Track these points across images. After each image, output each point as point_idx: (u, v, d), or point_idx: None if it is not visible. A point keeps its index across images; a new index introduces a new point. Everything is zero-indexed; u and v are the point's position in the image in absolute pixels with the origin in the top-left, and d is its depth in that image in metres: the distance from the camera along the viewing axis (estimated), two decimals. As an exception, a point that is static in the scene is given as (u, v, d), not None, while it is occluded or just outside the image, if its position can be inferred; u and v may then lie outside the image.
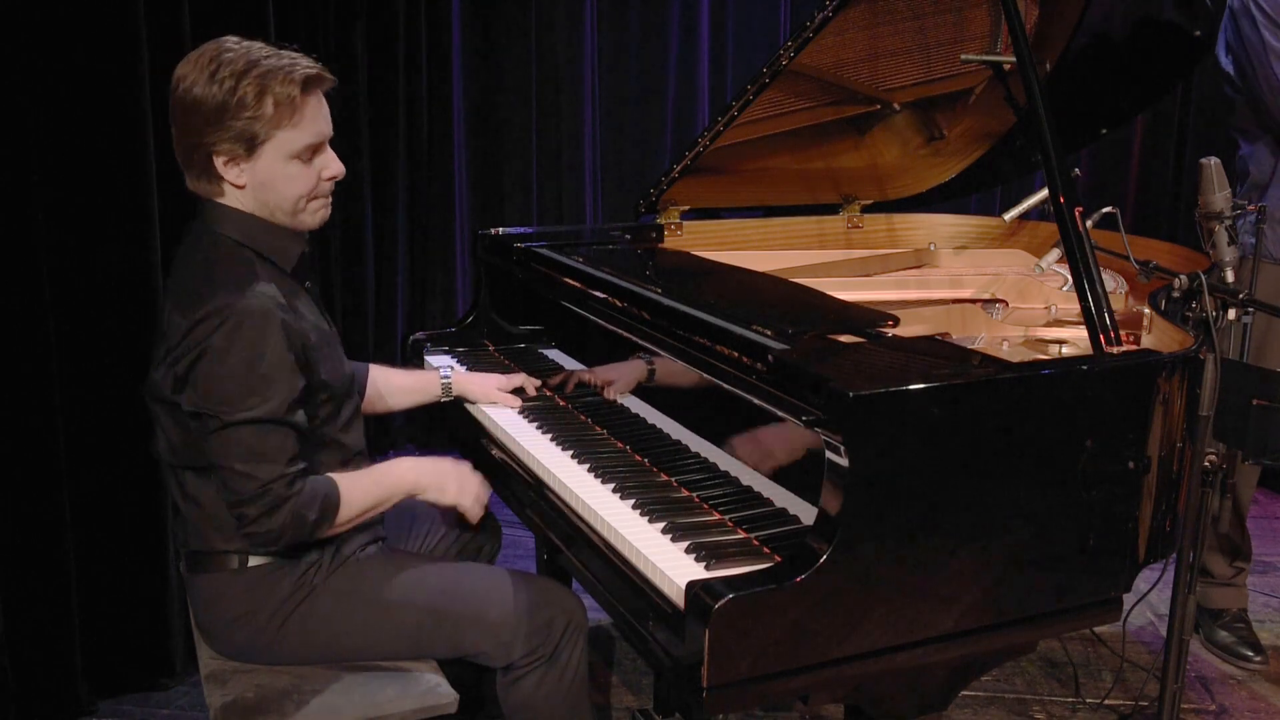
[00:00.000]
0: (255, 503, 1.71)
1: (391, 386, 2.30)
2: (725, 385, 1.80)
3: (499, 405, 2.34)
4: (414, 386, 2.33)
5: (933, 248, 2.99)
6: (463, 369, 2.57)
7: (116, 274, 2.51)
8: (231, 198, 1.80)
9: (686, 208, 2.86)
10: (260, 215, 1.81)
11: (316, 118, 1.78)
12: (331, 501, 1.80)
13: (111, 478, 2.58)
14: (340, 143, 1.89)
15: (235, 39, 1.75)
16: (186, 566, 1.92)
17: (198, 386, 1.70)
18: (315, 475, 1.80)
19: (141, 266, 2.53)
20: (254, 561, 1.85)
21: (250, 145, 1.73)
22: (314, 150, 1.80)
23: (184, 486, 1.85)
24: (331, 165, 1.83)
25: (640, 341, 2.06)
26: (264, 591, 1.85)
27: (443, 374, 2.35)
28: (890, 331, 1.86)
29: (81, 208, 2.45)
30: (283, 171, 1.77)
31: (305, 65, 1.75)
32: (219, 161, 1.75)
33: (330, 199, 1.88)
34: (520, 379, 2.38)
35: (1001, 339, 2.21)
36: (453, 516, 2.28)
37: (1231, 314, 1.88)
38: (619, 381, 2.24)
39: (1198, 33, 2.61)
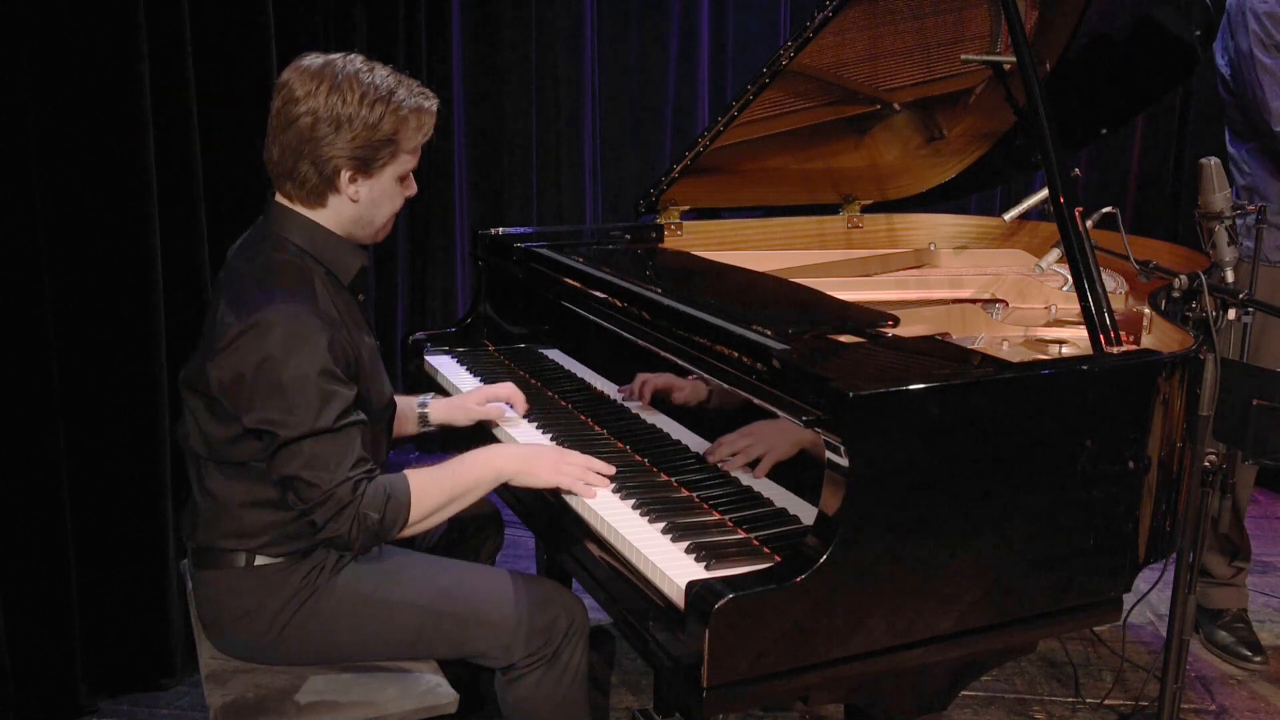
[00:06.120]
0: (320, 508, 1.73)
1: None
2: (725, 385, 1.80)
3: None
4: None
5: (933, 248, 2.99)
6: (463, 369, 2.57)
7: (118, 272, 2.51)
8: (330, 207, 1.84)
9: (686, 208, 2.86)
10: (336, 229, 1.86)
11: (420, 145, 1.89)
12: (399, 502, 1.78)
13: (111, 477, 2.57)
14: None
15: (362, 59, 1.81)
16: (192, 562, 1.92)
17: (255, 404, 1.71)
18: (386, 475, 1.80)
19: (142, 265, 2.52)
20: (260, 560, 1.85)
21: (380, 165, 1.81)
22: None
23: (204, 479, 1.86)
24: (413, 185, 1.92)
25: (640, 342, 2.06)
26: (268, 590, 1.85)
27: (419, 402, 2.28)
28: (890, 331, 1.86)
29: (82, 206, 2.45)
30: (389, 191, 1.86)
31: (428, 99, 1.84)
32: (344, 175, 1.80)
33: None
34: (506, 391, 2.26)
35: (1001, 339, 2.20)
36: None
37: (1231, 314, 1.88)
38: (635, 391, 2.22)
39: (1197, 33, 2.62)
